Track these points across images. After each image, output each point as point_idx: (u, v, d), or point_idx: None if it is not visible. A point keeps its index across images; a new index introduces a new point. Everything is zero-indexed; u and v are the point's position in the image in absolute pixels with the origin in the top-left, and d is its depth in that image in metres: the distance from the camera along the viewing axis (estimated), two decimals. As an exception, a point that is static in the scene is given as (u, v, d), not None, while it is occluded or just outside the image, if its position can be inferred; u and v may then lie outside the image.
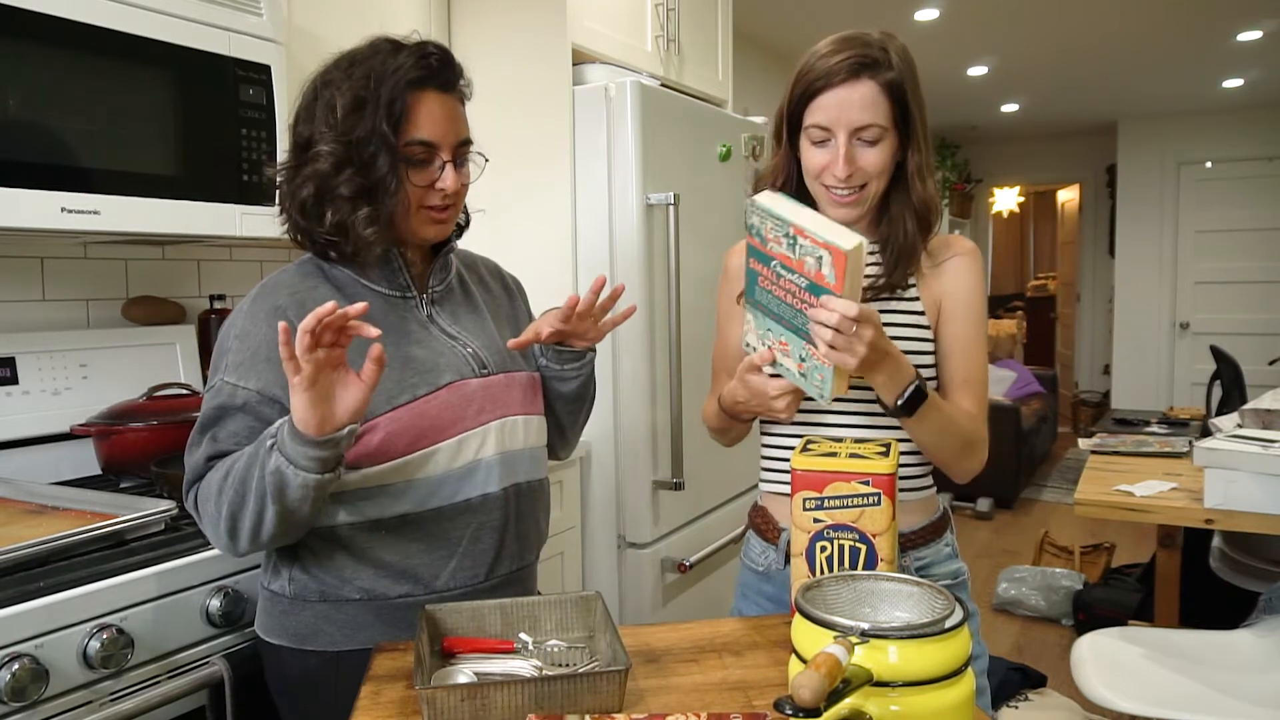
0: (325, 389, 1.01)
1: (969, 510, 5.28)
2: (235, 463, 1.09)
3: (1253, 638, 2.00)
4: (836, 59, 1.19)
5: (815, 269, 1.07)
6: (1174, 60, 5.28)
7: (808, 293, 1.09)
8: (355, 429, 1.06)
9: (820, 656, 0.72)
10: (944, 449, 1.23)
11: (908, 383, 1.14)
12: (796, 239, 1.08)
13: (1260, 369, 5.56)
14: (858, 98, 1.19)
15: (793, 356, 1.15)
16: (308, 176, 1.16)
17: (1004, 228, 9.71)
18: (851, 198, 1.23)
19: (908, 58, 1.22)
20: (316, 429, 1.01)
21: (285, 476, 1.03)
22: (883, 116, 1.19)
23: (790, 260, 1.10)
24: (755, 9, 4.01)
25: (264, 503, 1.06)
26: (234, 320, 1.18)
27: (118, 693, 1.18)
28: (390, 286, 1.23)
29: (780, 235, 1.10)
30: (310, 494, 1.05)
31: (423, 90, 1.17)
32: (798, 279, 1.09)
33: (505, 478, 1.24)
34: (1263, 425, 2.43)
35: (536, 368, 1.36)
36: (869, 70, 1.18)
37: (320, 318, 0.96)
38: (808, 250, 1.07)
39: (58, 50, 1.36)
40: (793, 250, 1.09)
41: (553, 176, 2.18)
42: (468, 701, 0.89)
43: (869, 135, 1.20)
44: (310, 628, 1.18)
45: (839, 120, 1.20)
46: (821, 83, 1.20)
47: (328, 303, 0.96)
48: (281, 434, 1.04)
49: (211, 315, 1.93)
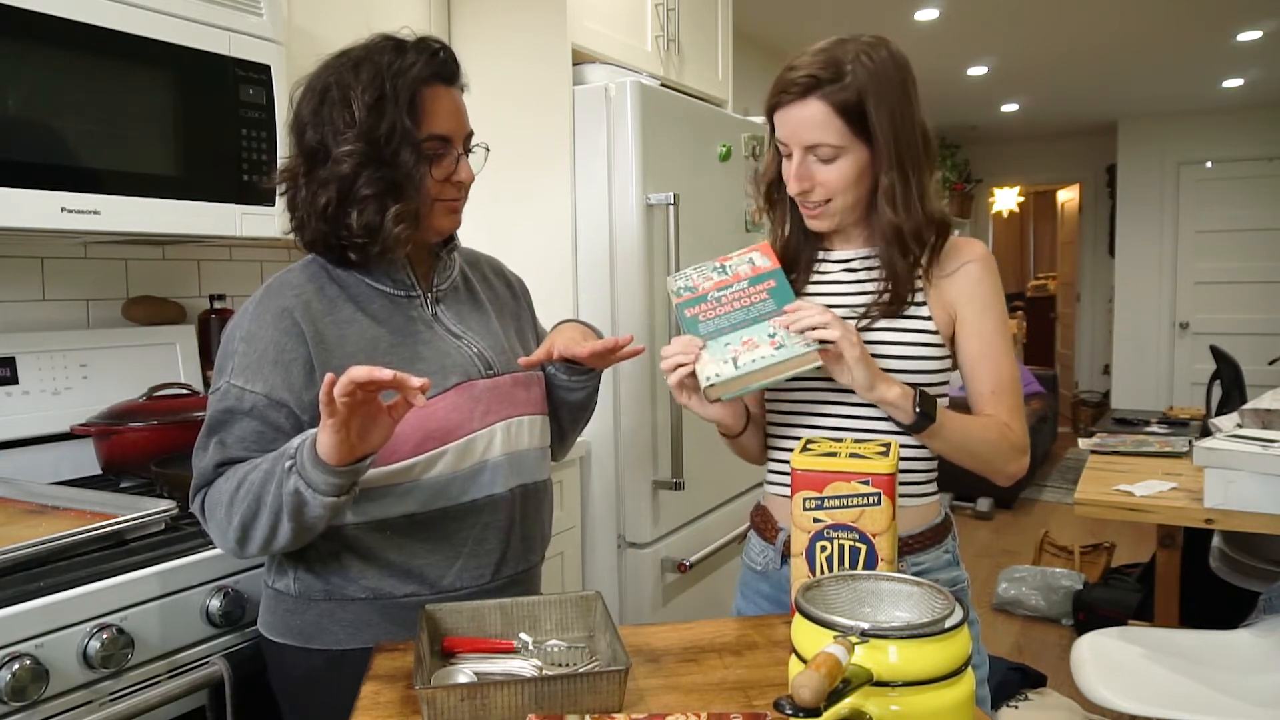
0: (356, 426, 1.01)
1: (969, 510, 5.28)
2: (249, 474, 1.08)
3: (1253, 638, 2.00)
4: (793, 74, 1.18)
5: (750, 268, 1.23)
6: (1174, 60, 5.28)
7: (751, 286, 1.21)
8: (375, 455, 1.07)
9: (820, 656, 0.72)
10: (970, 460, 1.24)
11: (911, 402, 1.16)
12: (723, 265, 1.25)
13: (1260, 369, 5.56)
14: (806, 117, 1.18)
15: (762, 342, 1.16)
16: (326, 180, 1.14)
17: (1004, 228, 9.71)
18: (816, 210, 1.24)
19: (886, 71, 1.17)
20: (340, 460, 1.01)
21: (304, 498, 1.04)
22: (834, 135, 1.17)
23: (725, 280, 1.23)
24: (755, 9, 4.01)
25: (279, 518, 1.06)
26: (239, 322, 1.17)
27: (118, 693, 1.18)
28: (395, 286, 1.23)
29: (708, 272, 1.25)
30: (328, 513, 1.07)
31: (434, 86, 1.18)
32: (739, 285, 1.22)
33: (511, 478, 1.25)
34: (1263, 425, 2.43)
35: (542, 370, 1.36)
36: (819, 89, 1.16)
37: (376, 379, 0.95)
38: (737, 263, 1.24)
39: (58, 50, 1.36)
40: (724, 272, 1.24)
41: (553, 176, 2.18)
42: (468, 701, 0.89)
43: (822, 154, 1.19)
44: (315, 626, 1.18)
45: (792, 137, 1.20)
46: (775, 100, 1.21)
47: (387, 371, 0.95)
48: (301, 457, 1.03)
49: (211, 315, 1.93)
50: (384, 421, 1.03)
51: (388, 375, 0.95)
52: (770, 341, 1.15)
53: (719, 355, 1.16)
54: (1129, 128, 7.08)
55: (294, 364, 1.13)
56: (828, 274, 1.31)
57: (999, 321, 1.26)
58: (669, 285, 1.26)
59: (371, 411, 1.01)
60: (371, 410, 1.01)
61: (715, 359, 1.16)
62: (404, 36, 1.20)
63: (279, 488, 1.05)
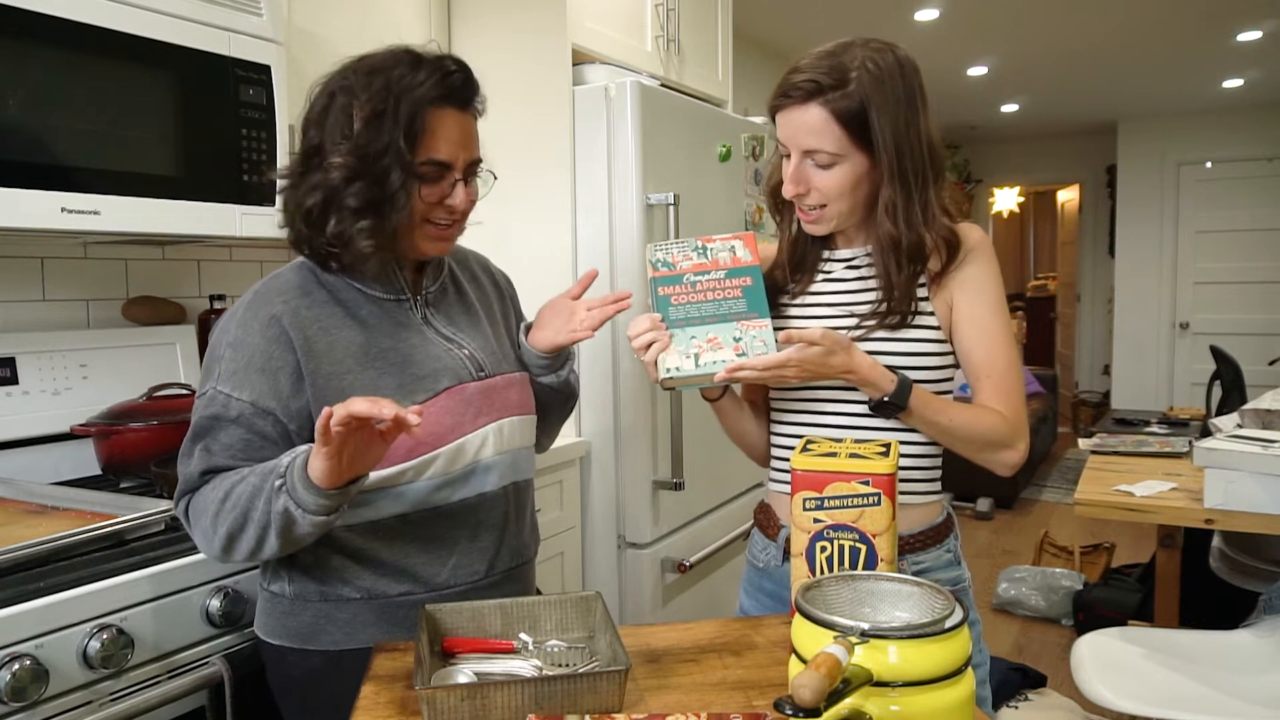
0: (349, 452, 1.01)
1: (969, 510, 5.28)
2: (236, 486, 1.08)
3: (1253, 638, 2.00)
4: (796, 77, 1.17)
5: (730, 257, 1.23)
6: (1174, 60, 5.28)
7: (728, 278, 1.21)
8: (367, 476, 1.07)
9: (820, 656, 0.72)
10: (962, 447, 1.23)
11: (881, 393, 1.17)
12: (705, 246, 1.24)
13: (1260, 369, 5.56)
14: (805, 122, 1.17)
15: (726, 345, 1.17)
16: (316, 185, 1.14)
17: (1004, 228, 9.70)
18: (813, 215, 1.24)
19: (892, 80, 1.16)
20: (332, 483, 1.02)
21: (293, 517, 1.04)
22: (832, 142, 1.16)
23: (704, 265, 1.23)
24: (755, 9, 4.01)
25: (265, 533, 1.07)
26: (226, 326, 1.16)
27: (118, 693, 1.18)
28: (385, 290, 1.22)
29: (689, 251, 1.24)
30: (317, 531, 1.07)
31: (442, 109, 1.15)
32: (716, 274, 1.22)
33: (503, 477, 1.25)
34: (1263, 425, 2.43)
35: (524, 366, 1.36)
36: (820, 94, 1.15)
37: (377, 416, 0.95)
38: (719, 248, 1.24)
39: (58, 50, 1.36)
40: (704, 255, 1.23)
41: (553, 176, 2.18)
42: (468, 701, 0.89)
43: (819, 160, 1.19)
44: (311, 628, 1.18)
45: (790, 140, 1.20)
46: (777, 101, 1.21)
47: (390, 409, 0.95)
48: (292, 477, 1.03)
49: (211, 315, 1.93)
50: (377, 445, 1.03)
51: (389, 414, 0.95)
52: (734, 345, 1.17)
53: (682, 347, 1.18)
54: (1129, 128, 7.08)
55: (281, 372, 1.12)
56: (831, 273, 1.31)
57: (993, 306, 1.23)
58: (648, 254, 1.25)
59: (366, 437, 1.01)
60: (366, 436, 1.00)
61: (678, 350, 1.17)
62: (424, 51, 1.17)
63: (268, 504, 1.05)
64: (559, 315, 1.34)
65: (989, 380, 1.22)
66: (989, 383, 1.22)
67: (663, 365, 1.17)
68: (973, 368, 1.24)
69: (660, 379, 1.17)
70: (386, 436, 1.02)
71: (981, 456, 1.23)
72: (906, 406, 1.18)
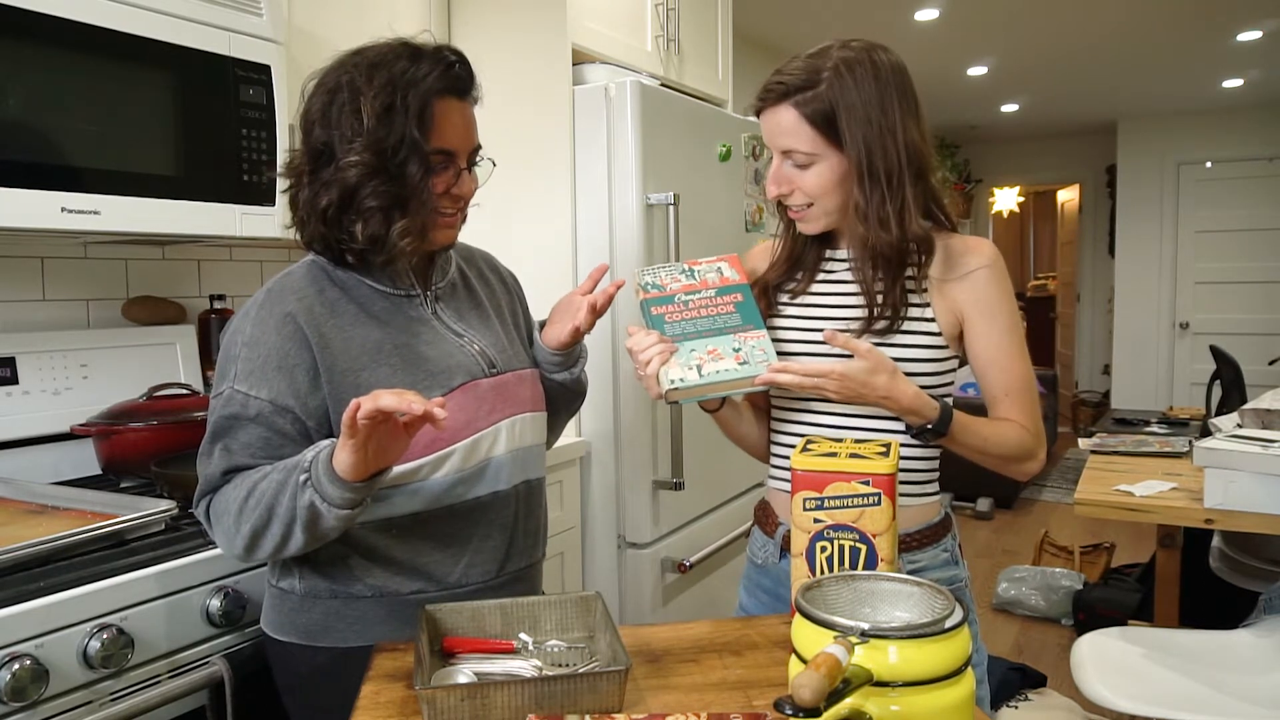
0: (374, 445, 1.01)
1: (969, 510, 5.28)
2: (259, 483, 1.08)
3: (1253, 638, 2.00)
4: (773, 79, 1.20)
5: (718, 278, 1.25)
6: (1174, 60, 5.28)
7: (719, 296, 1.23)
8: (390, 470, 1.07)
9: (820, 656, 0.72)
10: (990, 462, 1.26)
11: (924, 420, 1.18)
12: (692, 269, 1.27)
13: (1260, 369, 5.55)
14: (778, 122, 1.20)
15: (726, 355, 1.18)
16: (330, 183, 1.14)
17: (1004, 228, 9.70)
18: (801, 214, 1.25)
19: (863, 82, 1.16)
20: (357, 476, 1.02)
21: (319, 511, 1.04)
22: (805, 142, 1.18)
23: (693, 285, 1.25)
24: (755, 9, 4.01)
25: (291, 529, 1.07)
26: (240, 326, 1.16)
27: (118, 693, 1.18)
28: (394, 286, 1.23)
29: (676, 274, 1.27)
30: (342, 525, 1.07)
31: (446, 99, 1.16)
32: (706, 293, 1.24)
33: (515, 475, 1.26)
34: (1263, 425, 2.43)
35: (534, 363, 1.36)
36: (790, 96, 1.18)
37: (401, 410, 0.96)
38: (706, 270, 1.27)
39: (58, 50, 1.36)
40: (692, 277, 1.26)
41: (553, 176, 2.18)
42: (468, 701, 0.89)
43: (797, 160, 1.21)
44: (320, 624, 1.18)
45: (770, 141, 1.23)
46: (757, 104, 1.23)
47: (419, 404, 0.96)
48: (316, 472, 1.04)
49: (211, 315, 1.93)
50: (401, 439, 1.04)
51: (418, 409, 0.96)
52: (735, 355, 1.18)
53: (684, 360, 1.18)
54: (1129, 128, 7.08)
55: (298, 369, 1.12)
56: (832, 272, 1.31)
57: (1009, 324, 1.25)
58: (637, 279, 1.27)
59: (391, 430, 1.02)
60: (391, 429, 1.01)
61: (680, 363, 1.18)
62: (421, 43, 1.18)
63: (293, 500, 1.05)
64: (568, 311, 1.35)
65: (1008, 398, 1.25)
66: (1008, 399, 1.25)
67: (665, 378, 1.17)
68: (990, 386, 1.26)
69: (664, 392, 1.17)
70: (410, 429, 1.03)
71: (1007, 468, 1.27)
72: (948, 433, 1.19)
